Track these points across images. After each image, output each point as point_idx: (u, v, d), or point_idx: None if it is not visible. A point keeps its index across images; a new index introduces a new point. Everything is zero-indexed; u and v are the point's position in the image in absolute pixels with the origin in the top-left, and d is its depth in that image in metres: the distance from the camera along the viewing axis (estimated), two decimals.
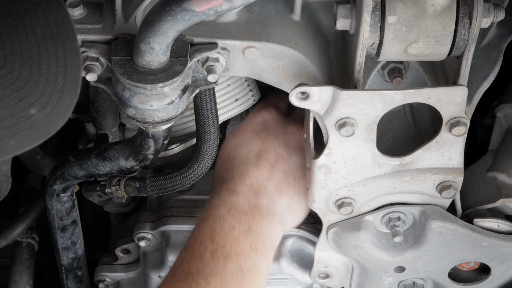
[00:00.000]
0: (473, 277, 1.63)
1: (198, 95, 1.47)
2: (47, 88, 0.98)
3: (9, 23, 0.98)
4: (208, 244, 1.39)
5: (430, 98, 1.35)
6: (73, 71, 1.00)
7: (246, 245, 1.41)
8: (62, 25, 1.02)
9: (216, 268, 1.36)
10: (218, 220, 1.43)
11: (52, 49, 1.00)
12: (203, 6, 1.24)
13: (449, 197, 1.47)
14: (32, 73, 0.97)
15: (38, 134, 0.97)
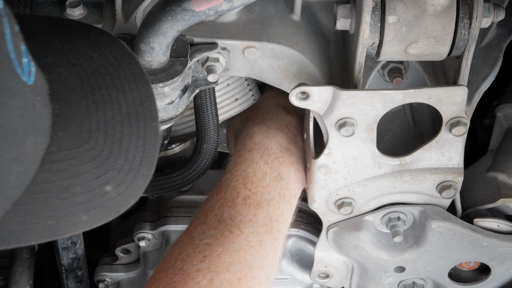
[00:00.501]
0: (473, 277, 1.63)
1: (198, 95, 1.47)
2: (125, 167, 0.98)
3: (97, 98, 0.99)
4: (241, 190, 1.42)
5: (430, 98, 1.35)
6: (151, 151, 1.01)
7: (275, 193, 1.44)
8: (146, 104, 1.02)
9: (248, 215, 1.38)
10: (251, 165, 1.45)
11: (134, 128, 1.00)
12: (203, 6, 1.24)
13: (449, 197, 1.47)
14: (113, 150, 0.97)
15: (109, 211, 0.97)
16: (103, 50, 1.04)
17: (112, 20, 1.40)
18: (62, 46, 1.01)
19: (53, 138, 0.93)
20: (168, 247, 1.67)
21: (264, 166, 1.46)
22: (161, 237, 1.69)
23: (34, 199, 0.91)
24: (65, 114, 0.96)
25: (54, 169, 0.93)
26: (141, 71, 1.05)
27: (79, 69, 1.00)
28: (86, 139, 0.96)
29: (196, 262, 1.30)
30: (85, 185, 0.95)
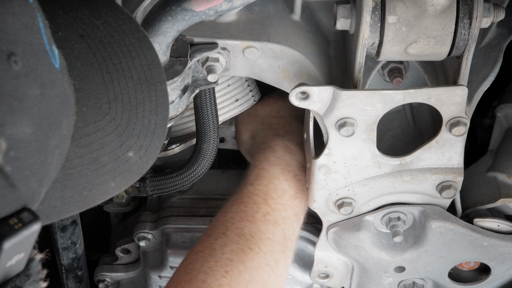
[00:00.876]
0: (473, 277, 1.63)
1: (198, 95, 1.47)
2: (142, 131, 1.03)
3: (110, 67, 1.03)
4: (262, 205, 1.45)
5: (430, 98, 1.35)
6: (163, 113, 1.06)
7: (291, 211, 1.47)
8: (153, 67, 1.07)
9: (267, 233, 1.42)
10: (273, 181, 1.48)
11: (146, 93, 1.05)
12: (203, 6, 1.24)
13: (449, 197, 1.47)
14: (131, 117, 1.02)
15: (132, 175, 1.02)
16: (105, 16, 1.07)
17: None
18: (67, 17, 1.03)
19: (79, 114, 0.97)
20: (168, 247, 1.67)
21: (284, 183, 1.50)
22: (161, 237, 1.69)
23: (69, 174, 0.96)
24: (85, 88, 0.99)
25: (83, 143, 0.97)
26: (143, 35, 1.08)
27: (88, 40, 1.03)
28: (107, 111, 1.00)
29: (218, 277, 1.34)
30: (111, 154, 0.99)
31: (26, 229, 0.87)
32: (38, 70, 0.89)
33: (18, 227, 0.87)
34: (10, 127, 0.85)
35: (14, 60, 0.86)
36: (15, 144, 0.85)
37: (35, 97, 0.88)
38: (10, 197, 0.86)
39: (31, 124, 0.87)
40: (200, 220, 1.68)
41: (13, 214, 0.87)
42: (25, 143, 0.87)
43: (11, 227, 0.86)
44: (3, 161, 0.84)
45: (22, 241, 0.88)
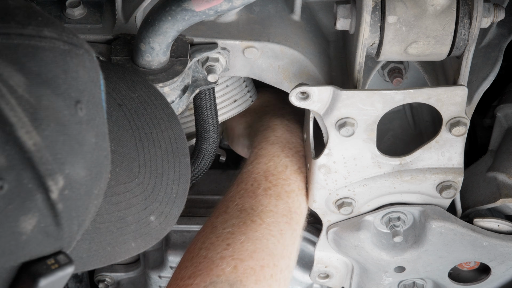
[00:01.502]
0: (473, 277, 1.63)
1: (198, 95, 1.47)
2: (165, 199, 1.11)
3: (142, 136, 1.12)
4: (262, 181, 1.46)
5: (430, 98, 1.35)
6: (184, 185, 1.15)
7: (295, 186, 1.47)
8: (179, 141, 1.17)
9: (269, 206, 1.42)
10: (272, 159, 1.50)
11: (171, 163, 1.14)
12: (203, 6, 1.24)
13: (449, 197, 1.47)
14: (156, 184, 1.10)
15: (151, 239, 1.09)
16: (140, 91, 1.19)
17: (112, 20, 1.40)
18: (107, 87, 1.09)
19: (112, 173, 1.05)
20: (168, 247, 1.67)
21: (285, 159, 1.50)
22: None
23: (97, 228, 1.02)
24: (119, 151, 1.08)
25: (113, 201, 1.05)
26: (172, 111, 1.20)
27: (125, 109, 1.14)
28: (136, 174, 1.09)
29: (220, 250, 1.35)
30: (135, 215, 1.07)
31: (61, 270, 0.90)
32: (96, 121, 0.95)
33: (55, 267, 0.90)
34: (69, 167, 0.90)
35: (80, 107, 0.92)
36: (70, 184, 0.90)
37: (91, 144, 0.94)
38: (53, 236, 0.90)
39: (85, 168, 0.92)
40: (200, 220, 1.68)
41: (51, 255, 0.91)
42: (78, 185, 0.91)
43: (48, 267, 0.90)
44: (58, 198, 0.89)
45: (56, 282, 0.91)
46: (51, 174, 0.88)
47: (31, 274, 0.88)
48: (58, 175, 0.88)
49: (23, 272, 0.89)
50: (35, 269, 0.89)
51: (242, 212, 1.41)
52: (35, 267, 0.89)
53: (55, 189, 0.88)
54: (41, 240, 0.89)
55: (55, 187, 0.88)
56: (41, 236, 0.89)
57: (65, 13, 1.40)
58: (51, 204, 0.88)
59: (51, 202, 0.88)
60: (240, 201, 1.43)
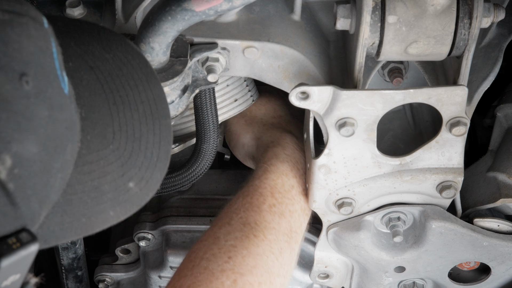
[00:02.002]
0: (473, 277, 1.63)
1: (198, 95, 1.47)
2: (144, 163, 1.05)
3: (117, 99, 1.05)
4: (268, 197, 1.45)
5: (430, 98, 1.35)
6: (165, 147, 1.08)
7: (298, 206, 1.48)
8: (158, 102, 1.10)
9: (272, 223, 1.42)
10: (281, 177, 1.49)
11: (151, 126, 1.07)
12: (203, 6, 1.24)
13: (449, 197, 1.47)
14: (134, 148, 1.05)
15: (132, 206, 1.05)
16: (115, 51, 1.10)
17: (112, 20, 1.40)
18: (79, 49, 1.06)
19: (83, 141, 0.99)
20: (168, 247, 1.67)
21: (293, 179, 1.50)
22: (161, 237, 1.69)
23: (69, 200, 0.98)
24: (91, 117, 1.02)
25: (85, 170, 0.99)
26: (151, 70, 1.12)
27: (97, 72, 1.06)
28: (111, 140, 1.02)
29: (221, 263, 1.34)
30: (112, 183, 1.02)
31: (24, 249, 0.88)
32: (48, 93, 0.91)
33: (16, 246, 0.87)
34: (17, 145, 0.86)
35: (25, 80, 0.88)
36: (19, 162, 0.87)
37: (43, 118, 0.89)
38: (10, 216, 0.87)
39: (37, 144, 0.88)
40: (200, 220, 1.68)
41: (12, 233, 0.88)
42: (30, 162, 0.88)
43: (9, 246, 0.87)
44: (7, 177, 0.86)
45: (19, 261, 0.88)
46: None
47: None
48: (4, 154, 0.85)
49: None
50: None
51: (245, 226, 1.40)
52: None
53: (3, 169, 0.85)
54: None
55: (2, 167, 0.85)
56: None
57: (65, 13, 1.40)
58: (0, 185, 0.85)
59: (1, 182, 0.85)
60: (245, 214, 1.42)
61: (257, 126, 1.63)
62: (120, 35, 1.15)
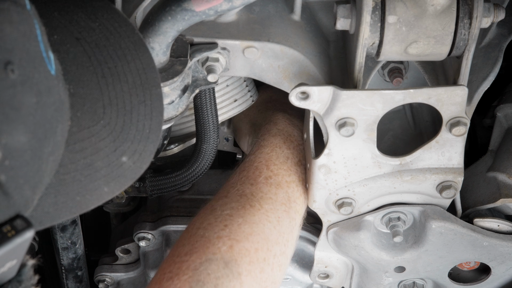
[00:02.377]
0: (473, 277, 1.63)
1: (198, 95, 1.47)
2: (137, 136, 1.03)
3: (105, 72, 1.02)
4: (263, 170, 1.47)
5: (430, 98, 1.35)
6: (157, 118, 1.06)
7: (295, 176, 1.49)
8: (148, 71, 1.06)
9: (269, 193, 1.43)
10: (275, 149, 1.50)
11: (141, 97, 1.04)
12: (203, 6, 1.24)
13: (449, 197, 1.47)
14: (125, 122, 1.02)
15: (126, 180, 1.02)
16: (101, 19, 1.06)
17: None
18: (63, 19, 1.02)
19: (73, 119, 0.97)
20: (168, 247, 1.67)
21: (287, 151, 1.51)
22: (161, 237, 1.69)
23: (62, 180, 0.96)
24: (79, 93, 0.99)
25: (77, 149, 0.97)
26: (139, 38, 1.08)
27: (84, 43, 1.03)
28: (101, 115, 1.00)
29: (217, 230, 1.35)
30: (105, 159, 0.99)
31: (19, 236, 0.87)
32: (35, 78, 0.88)
33: (11, 234, 0.87)
34: (6, 137, 0.85)
35: (11, 69, 0.85)
36: (10, 154, 0.85)
37: (31, 105, 0.87)
38: (3, 205, 0.86)
39: (26, 132, 0.87)
40: None
41: (6, 221, 0.87)
42: (20, 152, 0.86)
43: (4, 235, 0.86)
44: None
45: (15, 248, 0.87)
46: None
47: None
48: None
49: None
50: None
51: (242, 197, 1.42)
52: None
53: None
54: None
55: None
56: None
57: None
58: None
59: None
60: (241, 187, 1.44)
61: (252, 113, 1.65)
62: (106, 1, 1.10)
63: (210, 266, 1.30)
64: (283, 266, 1.42)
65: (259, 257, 1.36)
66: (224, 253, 1.32)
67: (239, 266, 1.32)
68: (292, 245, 1.46)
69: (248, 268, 1.34)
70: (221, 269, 1.30)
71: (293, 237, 1.46)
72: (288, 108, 1.59)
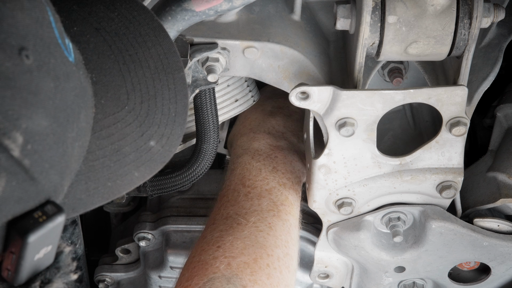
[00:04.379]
0: (473, 277, 1.63)
1: (198, 95, 1.47)
2: (163, 120, 1.04)
3: (127, 59, 1.04)
4: (240, 189, 1.49)
5: (430, 98, 1.35)
6: (182, 101, 1.07)
7: (274, 183, 1.50)
8: (170, 56, 1.08)
9: (252, 207, 1.45)
10: (245, 167, 1.53)
11: (164, 81, 1.06)
12: (203, 6, 1.24)
13: (449, 197, 1.47)
14: (150, 106, 1.04)
15: (155, 164, 1.04)
16: (120, 8, 1.08)
17: None
18: (82, 11, 1.04)
19: (97, 106, 0.99)
20: (168, 247, 1.67)
21: (257, 163, 1.53)
22: (161, 237, 1.69)
23: (92, 166, 0.97)
24: (102, 80, 1.00)
25: (104, 135, 0.99)
26: (158, 24, 1.09)
27: (104, 33, 1.04)
28: (125, 101, 1.01)
29: (211, 252, 1.38)
30: (132, 144, 1.01)
31: (50, 221, 0.88)
32: (51, 64, 0.89)
33: (43, 219, 0.88)
34: (26, 121, 0.85)
35: (25, 54, 0.86)
36: (31, 137, 0.86)
37: (50, 90, 0.88)
38: (31, 191, 0.87)
39: (47, 117, 0.87)
40: (200, 220, 1.68)
41: (37, 207, 0.88)
42: (42, 136, 0.87)
43: (35, 220, 0.87)
44: (21, 154, 0.85)
45: (48, 233, 0.88)
46: (5, 133, 0.83)
47: (18, 230, 0.87)
48: (14, 132, 0.84)
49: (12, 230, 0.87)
50: (21, 225, 0.87)
51: (227, 219, 1.44)
52: (22, 223, 0.87)
53: (15, 146, 0.84)
54: (19, 197, 0.86)
55: (14, 145, 0.84)
56: (17, 193, 0.86)
57: None
58: (16, 162, 0.85)
59: (15, 160, 0.85)
60: (224, 211, 1.46)
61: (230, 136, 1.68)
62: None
63: (214, 284, 1.32)
64: (291, 267, 1.43)
65: (261, 265, 1.37)
66: (224, 271, 1.34)
67: (241, 279, 1.34)
68: (293, 246, 1.46)
69: (252, 279, 1.35)
70: (224, 285, 1.32)
71: (291, 238, 1.46)
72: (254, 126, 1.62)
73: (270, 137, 1.59)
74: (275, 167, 1.53)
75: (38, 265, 0.91)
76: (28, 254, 0.88)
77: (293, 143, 1.59)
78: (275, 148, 1.57)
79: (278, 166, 1.53)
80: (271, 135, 1.59)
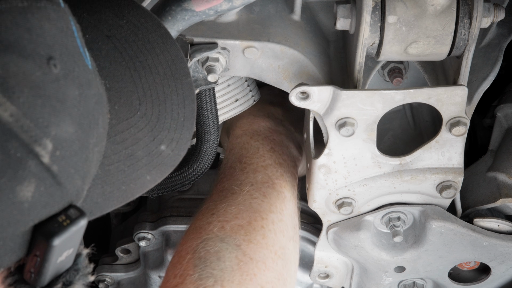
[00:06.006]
0: (473, 277, 1.63)
1: (198, 95, 1.47)
2: (172, 125, 1.07)
3: (137, 66, 1.07)
4: (237, 165, 1.52)
5: (430, 98, 1.35)
6: (190, 106, 1.10)
7: (271, 160, 1.53)
8: (177, 62, 1.11)
9: (247, 179, 1.48)
10: (243, 146, 1.56)
11: (173, 87, 1.09)
12: (203, 6, 1.24)
13: (449, 197, 1.47)
14: (161, 111, 1.06)
15: (166, 167, 1.07)
16: (128, 15, 1.11)
17: None
18: (92, 19, 1.06)
19: (111, 112, 1.01)
20: (168, 247, 1.67)
21: (256, 143, 1.56)
22: (161, 237, 1.69)
23: (107, 170, 1.00)
24: (115, 87, 1.03)
25: (118, 140, 1.01)
26: (165, 31, 1.12)
27: (114, 40, 1.07)
28: (138, 107, 1.04)
29: (206, 218, 1.41)
30: (144, 148, 1.04)
31: (74, 225, 0.91)
32: (75, 72, 0.92)
33: (67, 223, 0.90)
34: (55, 128, 0.88)
35: (53, 63, 0.89)
36: (59, 144, 0.89)
37: (75, 97, 0.91)
38: (57, 195, 0.90)
39: (73, 124, 0.90)
40: None
41: (61, 211, 0.91)
42: (69, 142, 0.90)
43: (60, 224, 0.90)
44: (50, 160, 0.88)
45: (71, 237, 0.91)
46: (36, 140, 0.86)
47: (44, 234, 0.89)
48: (44, 139, 0.87)
49: (37, 233, 0.90)
50: (47, 229, 0.89)
51: (222, 191, 1.47)
52: (47, 227, 0.89)
53: (45, 153, 0.87)
54: (46, 202, 0.89)
55: (45, 151, 0.87)
56: (44, 198, 0.89)
57: None
58: (45, 168, 0.88)
59: (45, 166, 0.87)
60: (220, 185, 1.50)
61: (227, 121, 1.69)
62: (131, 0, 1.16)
63: (208, 244, 1.36)
64: (286, 233, 1.45)
65: (256, 226, 1.40)
66: (217, 232, 1.38)
67: (235, 239, 1.37)
68: (288, 216, 1.48)
69: (246, 238, 1.38)
70: (218, 244, 1.36)
71: (286, 207, 1.48)
72: (254, 110, 1.64)
73: (269, 120, 1.62)
74: (272, 147, 1.55)
75: (59, 268, 0.94)
76: (53, 257, 0.90)
77: (290, 131, 1.62)
78: (274, 132, 1.59)
79: (275, 147, 1.56)
80: (270, 119, 1.62)
